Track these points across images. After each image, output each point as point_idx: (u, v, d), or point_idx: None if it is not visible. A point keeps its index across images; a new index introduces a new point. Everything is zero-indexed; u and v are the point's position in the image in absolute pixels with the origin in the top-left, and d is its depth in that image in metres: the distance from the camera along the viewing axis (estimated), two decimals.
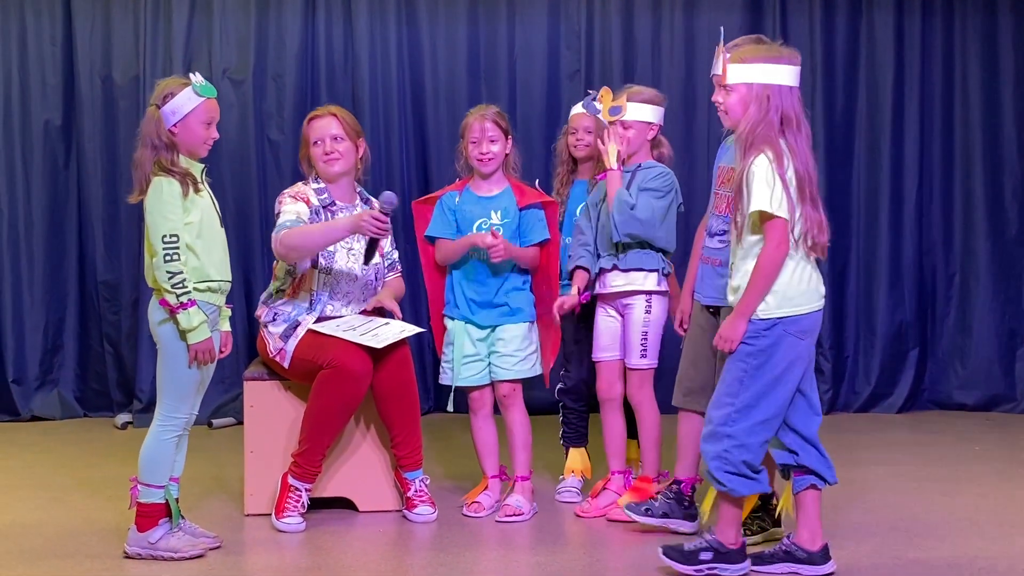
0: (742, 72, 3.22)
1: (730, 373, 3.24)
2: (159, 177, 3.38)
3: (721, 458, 3.22)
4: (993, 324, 6.17)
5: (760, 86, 3.19)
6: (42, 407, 5.94)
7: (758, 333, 3.20)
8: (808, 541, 3.31)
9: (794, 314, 3.20)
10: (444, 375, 4.09)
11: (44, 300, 5.97)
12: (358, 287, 4.06)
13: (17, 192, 5.95)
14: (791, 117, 3.19)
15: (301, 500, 3.84)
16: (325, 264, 3.99)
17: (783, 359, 3.20)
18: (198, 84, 3.45)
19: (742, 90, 3.22)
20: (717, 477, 3.23)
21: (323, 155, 4.04)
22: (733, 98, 3.24)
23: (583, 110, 4.14)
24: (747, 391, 3.21)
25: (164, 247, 3.34)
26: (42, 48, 5.95)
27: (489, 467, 4.11)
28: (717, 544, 3.27)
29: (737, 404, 3.21)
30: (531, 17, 6.09)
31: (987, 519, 3.89)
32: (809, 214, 3.19)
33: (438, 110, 6.06)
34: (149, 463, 3.44)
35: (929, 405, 6.19)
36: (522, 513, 3.95)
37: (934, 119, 6.19)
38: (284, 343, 3.93)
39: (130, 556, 3.46)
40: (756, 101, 3.19)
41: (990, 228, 6.18)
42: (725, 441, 3.21)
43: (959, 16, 6.17)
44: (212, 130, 3.50)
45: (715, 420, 3.24)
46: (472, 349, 4.04)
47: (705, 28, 6.08)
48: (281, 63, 5.97)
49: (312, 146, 4.06)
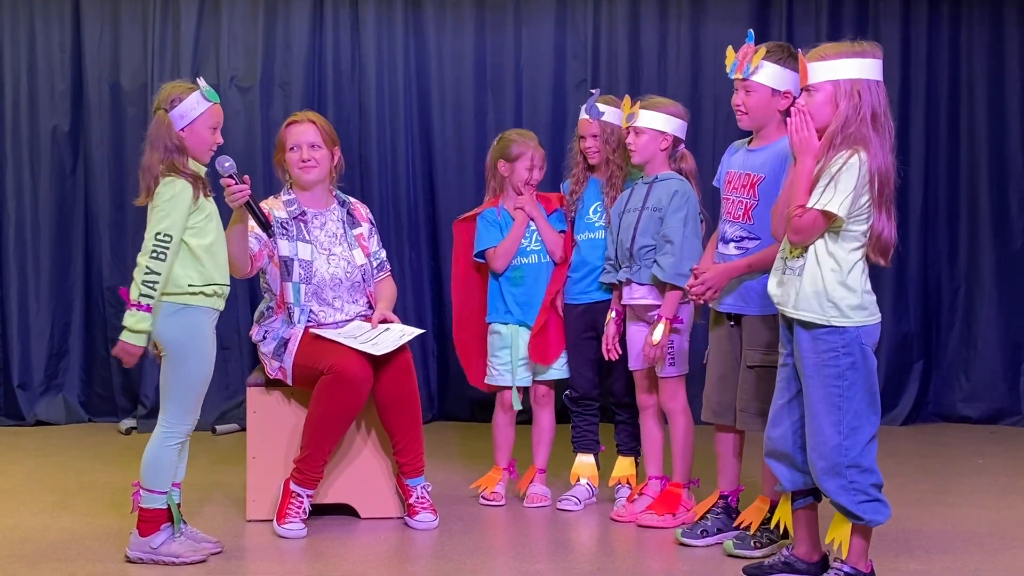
0: (826, 70, 3.09)
1: (822, 401, 3.09)
2: (172, 177, 3.39)
3: (850, 491, 3.09)
4: (998, 337, 6.15)
5: (848, 82, 3.05)
6: (47, 412, 5.95)
7: (837, 351, 3.07)
8: (807, 553, 3.30)
9: (868, 323, 3.10)
10: (501, 376, 4.33)
11: (50, 305, 5.99)
12: (345, 289, 4.06)
13: (24, 197, 5.97)
14: (879, 116, 3.06)
15: (303, 506, 3.85)
16: (304, 274, 4.00)
17: (867, 370, 3.10)
18: (205, 89, 3.47)
19: (828, 88, 3.08)
20: (854, 512, 3.10)
21: (299, 162, 4.05)
22: (818, 99, 3.09)
23: (587, 116, 4.19)
24: (848, 414, 3.08)
25: (155, 243, 3.34)
26: (51, 54, 5.97)
27: (502, 459, 4.38)
28: (856, 573, 3.16)
29: (844, 430, 3.08)
30: (538, 26, 6.10)
31: (989, 532, 3.88)
32: (883, 218, 3.08)
33: (444, 119, 6.08)
34: (152, 469, 3.45)
35: (933, 417, 6.17)
36: (547, 499, 4.26)
37: (939, 130, 6.18)
38: (279, 361, 3.94)
39: (132, 561, 3.47)
40: (847, 98, 3.04)
41: (995, 240, 6.16)
42: (848, 473, 3.09)
43: (965, 27, 6.16)
44: (217, 135, 3.51)
45: (828, 454, 3.09)
46: (524, 352, 4.30)
47: (711, 38, 6.09)
48: (288, 71, 5.99)
49: (288, 151, 4.07)
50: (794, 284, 3.12)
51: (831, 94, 3.09)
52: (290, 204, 4.07)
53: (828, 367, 3.08)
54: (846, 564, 3.17)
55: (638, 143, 3.97)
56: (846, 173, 3.02)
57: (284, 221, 4.04)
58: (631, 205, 4.03)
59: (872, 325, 3.12)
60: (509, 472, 4.39)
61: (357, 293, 4.09)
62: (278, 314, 4.03)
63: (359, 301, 4.10)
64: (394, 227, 6.00)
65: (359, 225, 4.18)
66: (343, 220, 4.13)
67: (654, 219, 3.95)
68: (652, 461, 4.10)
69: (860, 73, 3.08)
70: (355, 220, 4.18)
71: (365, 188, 5.99)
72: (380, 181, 6.03)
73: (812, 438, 3.13)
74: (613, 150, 4.17)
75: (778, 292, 3.18)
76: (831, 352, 3.08)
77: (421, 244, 6.11)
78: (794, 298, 3.12)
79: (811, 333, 3.10)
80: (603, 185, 4.20)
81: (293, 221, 4.05)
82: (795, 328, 3.14)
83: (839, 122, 3.06)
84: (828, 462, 3.10)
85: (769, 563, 3.34)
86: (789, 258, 3.16)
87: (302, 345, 3.92)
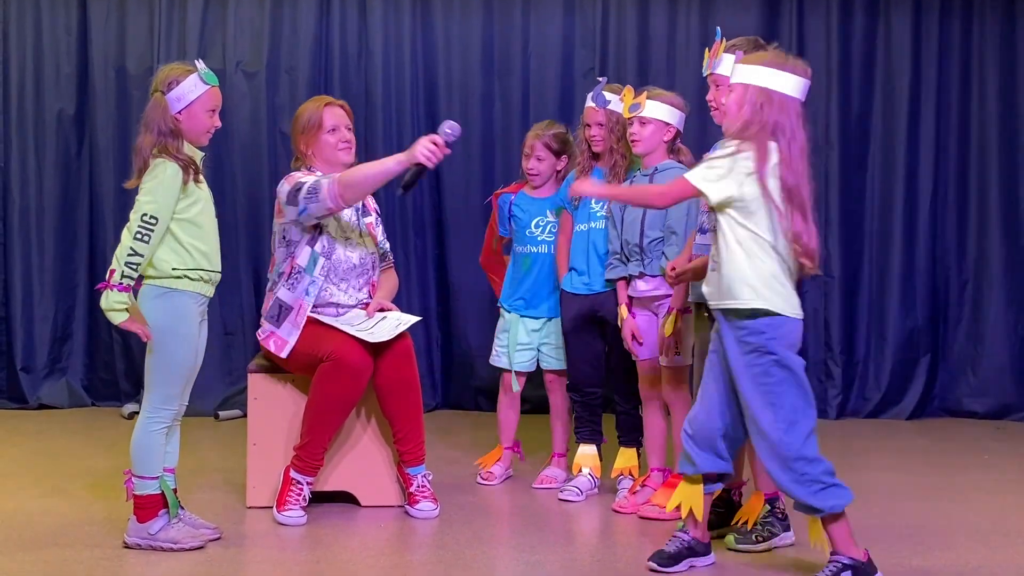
0: (743, 73, 3.16)
1: (756, 399, 3.13)
2: (163, 159, 3.36)
3: (803, 483, 3.10)
4: (1006, 332, 6.12)
5: (756, 89, 3.11)
6: (50, 395, 5.96)
7: (755, 349, 3.12)
8: (703, 535, 3.36)
9: (775, 311, 3.12)
10: (499, 358, 4.51)
11: (54, 289, 5.99)
12: (355, 275, 4.04)
13: (29, 181, 5.97)
14: (784, 128, 3.09)
15: (303, 494, 3.84)
16: (325, 249, 3.98)
17: (790, 362, 3.14)
18: (203, 71, 3.43)
19: (739, 90, 3.15)
20: (811, 504, 3.11)
21: (341, 142, 4.05)
22: (732, 97, 3.18)
23: (593, 104, 4.17)
24: (782, 408, 3.12)
25: (141, 225, 3.30)
26: (57, 38, 5.96)
27: (505, 439, 4.51)
28: (852, 562, 3.14)
29: (782, 424, 3.10)
30: (546, 14, 6.07)
31: (993, 528, 3.86)
32: (799, 223, 3.10)
33: (451, 106, 6.05)
34: (140, 455, 3.43)
35: (939, 412, 6.15)
36: (556, 483, 4.36)
37: (950, 124, 6.15)
38: (273, 325, 3.93)
39: (130, 546, 3.46)
40: (750, 104, 3.11)
41: (1004, 235, 6.13)
42: (797, 465, 3.10)
43: (977, 20, 6.12)
44: (215, 118, 3.47)
45: (776, 448, 3.12)
46: (526, 339, 4.45)
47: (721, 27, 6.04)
48: (294, 56, 5.97)
49: (327, 132, 4.04)
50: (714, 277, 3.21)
51: (740, 97, 3.15)
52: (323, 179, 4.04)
53: (755, 367, 3.14)
54: (841, 555, 3.15)
55: (643, 133, 3.97)
56: (723, 158, 3.11)
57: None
58: None
59: (782, 317, 3.14)
60: (513, 451, 4.52)
61: (363, 281, 4.08)
62: (289, 278, 3.97)
63: (364, 289, 4.08)
64: (399, 214, 5.98)
65: (369, 214, 4.17)
66: (356, 208, 4.11)
67: (660, 211, 3.92)
68: (654, 453, 4.09)
69: (774, 85, 3.11)
70: (365, 209, 4.16)
71: None
72: None
73: (757, 437, 3.17)
74: (618, 139, 4.15)
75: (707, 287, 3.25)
76: (752, 352, 3.13)
77: (426, 231, 6.08)
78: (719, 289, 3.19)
79: (731, 324, 3.16)
80: (607, 174, 4.18)
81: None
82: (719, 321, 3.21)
83: (736, 124, 3.13)
84: (776, 460, 3.12)
85: (675, 550, 3.33)
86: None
87: (302, 333, 3.90)
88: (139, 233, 3.30)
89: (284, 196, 3.94)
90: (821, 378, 6.07)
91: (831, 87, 6.06)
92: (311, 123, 4.07)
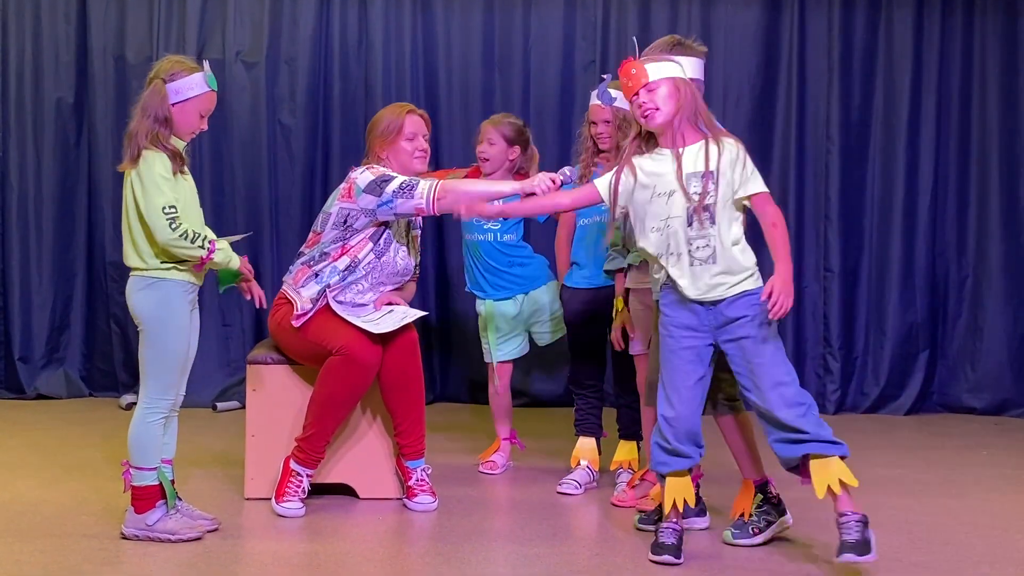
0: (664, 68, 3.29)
1: (775, 356, 3.25)
2: (151, 151, 3.36)
3: (821, 425, 3.23)
4: (1005, 328, 6.11)
5: (682, 80, 3.30)
6: (47, 385, 5.95)
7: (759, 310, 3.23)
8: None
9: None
10: (487, 355, 4.55)
11: (52, 279, 5.98)
12: (394, 280, 4.06)
13: (28, 170, 5.95)
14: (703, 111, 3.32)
15: (302, 485, 3.83)
16: (380, 248, 3.97)
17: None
18: (209, 75, 3.44)
19: (669, 83, 3.27)
20: (824, 437, 3.21)
21: (418, 151, 4.07)
22: (662, 92, 3.27)
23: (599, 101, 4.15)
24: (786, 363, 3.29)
25: (167, 217, 3.32)
26: (56, 26, 5.94)
27: (502, 430, 4.54)
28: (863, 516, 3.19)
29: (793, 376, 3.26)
30: (547, 6, 6.05)
31: (991, 523, 3.85)
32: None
33: (451, 98, 6.04)
34: (138, 446, 3.43)
35: (938, 408, 6.15)
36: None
37: (951, 120, 6.14)
38: (312, 306, 3.90)
39: (127, 537, 3.45)
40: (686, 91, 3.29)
41: (1004, 231, 6.12)
42: (812, 407, 3.25)
43: (979, 16, 6.11)
44: (204, 122, 3.49)
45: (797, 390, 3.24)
46: (507, 328, 4.50)
47: (722, 22, 6.05)
48: (294, 47, 5.95)
49: (406, 139, 4.05)
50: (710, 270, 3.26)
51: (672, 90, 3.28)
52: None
53: (765, 326, 3.24)
54: (854, 512, 3.18)
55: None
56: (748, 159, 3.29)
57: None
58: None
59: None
60: (512, 440, 4.56)
61: (396, 287, 4.09)
62: (334, 261, 3.95)
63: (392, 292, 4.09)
64: None
65: (417, 227, 4.17)
66: (409, 219, 4.10)
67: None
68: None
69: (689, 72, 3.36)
70: (414, 222, 4.16)
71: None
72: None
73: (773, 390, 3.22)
74: (623, 136, 4.13)
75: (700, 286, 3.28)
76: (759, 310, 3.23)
77: (426, 226, 6.05)
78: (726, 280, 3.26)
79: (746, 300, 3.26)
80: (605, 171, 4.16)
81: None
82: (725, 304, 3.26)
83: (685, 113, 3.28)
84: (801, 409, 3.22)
85: (676, 539, 3.34)
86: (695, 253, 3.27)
87: (314, 320, 3.89)
88: (171, 223, 3.32)
89: (364, 183, 3.88)
90: (820, 373, 6.07)
91: (832, 82, 6.04)
92: (391, 128, 4.07)
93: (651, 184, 3.32)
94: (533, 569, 3.31)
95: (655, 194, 3.31)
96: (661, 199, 3.30)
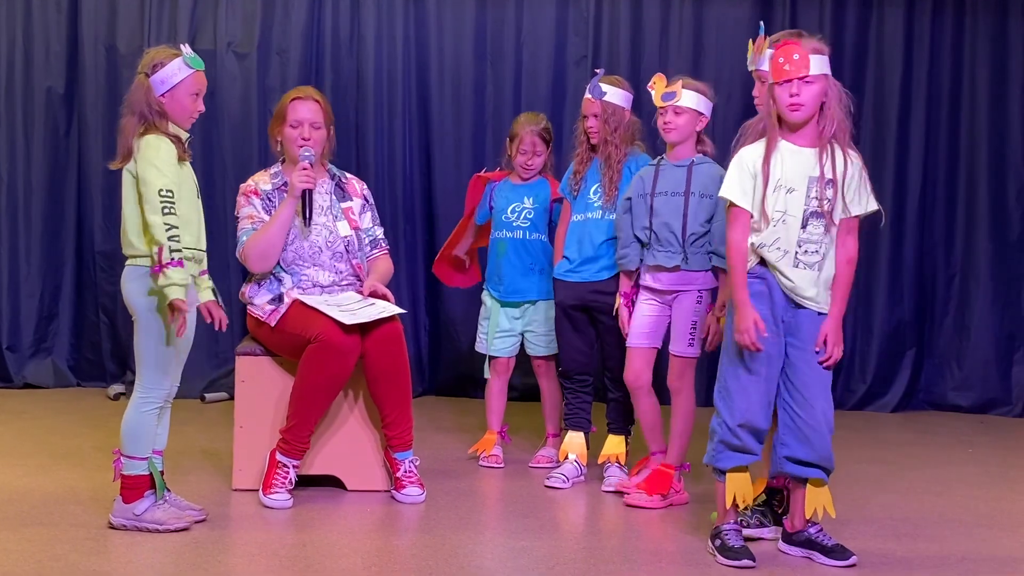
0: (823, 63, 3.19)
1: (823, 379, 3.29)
2: (154, 135, 3.35)
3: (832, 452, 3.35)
4: (992, 327, 6.14)
5: (832, 79, 3.20)
6: (35, 375, 5.94)
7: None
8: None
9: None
10: (481, 343, 4.60)
11: (41, 268, 5.96)
12: (326, 257, 4.05)
13: (17, 159, 5.94)
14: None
15: (289, 477, 3.83)
16: (289, 239, 4.01)
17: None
18: (188, 56, 3.43)
19: (823, 81, 3.19)
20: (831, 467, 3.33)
21: (300, 139, 4.04)
22: (814, 89, 3.18)
23: (590, 95, 4.17)
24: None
25: (162, 200, 3.30)
26: (47, 15, 5.92)
27: (495, 423, 4.57)
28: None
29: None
30: (539, 1, 6.05)
31: (976, 521, 3.88)
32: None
33: (443, 91, 6.04)
34: (131, 436, 3.43)
35: (924, 406, 6.18)
36: (553, 461, 4.43)
37: (940, 118, 6.16)
38: (273, 306, 3.95)
39: (115, 527, 3.45)
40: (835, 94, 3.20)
41: (992, 230, 6.15)
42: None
43: (970, 16, 6.14)
44: (199, 103, 3.47)
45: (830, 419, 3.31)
46: (507, 325, 4.54)
47: (714, 18, 6.06)
48: (286, 38, 5.94)
49: (288, 127, 4.05)
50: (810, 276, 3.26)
51: (824, 87, 3.21)
52: (275, 176, 4.11)
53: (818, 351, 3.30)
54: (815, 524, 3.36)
55: (677, 122, 3.91)
56: (864, 177, 3.27)
57: (269, 193, 4.07)
58: (665, 188, 3.93)
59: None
60: (501, 433, 4.57)
61: (339, 262, 4.08)
62: (270, 275, 4.03)
63: (342, 271, 4.07)
64: (389, 199, 5.96)
65: (349, 199, 4.17)
66: (331, 192, 4.12)
67: (704, 205, 3.86)
68: (652, 439, 4.08)
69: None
70: (345, 194, 4.16)
71: (361, 159, 5.96)
72: (376, 152, 5.99)
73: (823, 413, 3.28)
74: (612, 131, 4.15)
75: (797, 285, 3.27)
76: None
77: (416, 217, 6.07)
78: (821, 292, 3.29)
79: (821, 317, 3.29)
80: (601, 165, 4.18)
81: (276, 192, 4.07)
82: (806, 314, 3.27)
83: (836, 120, 3.20)
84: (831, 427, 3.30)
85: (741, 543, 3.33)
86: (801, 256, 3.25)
87: (290, 312, 3.90)
88: (164, 208, 3.29)
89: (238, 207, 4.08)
90: None
91: None
92: (277, 113, 4.12)
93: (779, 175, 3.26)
94: (520, 561, 3.32)
95: (777, 185, 3.25)
96: (780, 191, 3.24)
